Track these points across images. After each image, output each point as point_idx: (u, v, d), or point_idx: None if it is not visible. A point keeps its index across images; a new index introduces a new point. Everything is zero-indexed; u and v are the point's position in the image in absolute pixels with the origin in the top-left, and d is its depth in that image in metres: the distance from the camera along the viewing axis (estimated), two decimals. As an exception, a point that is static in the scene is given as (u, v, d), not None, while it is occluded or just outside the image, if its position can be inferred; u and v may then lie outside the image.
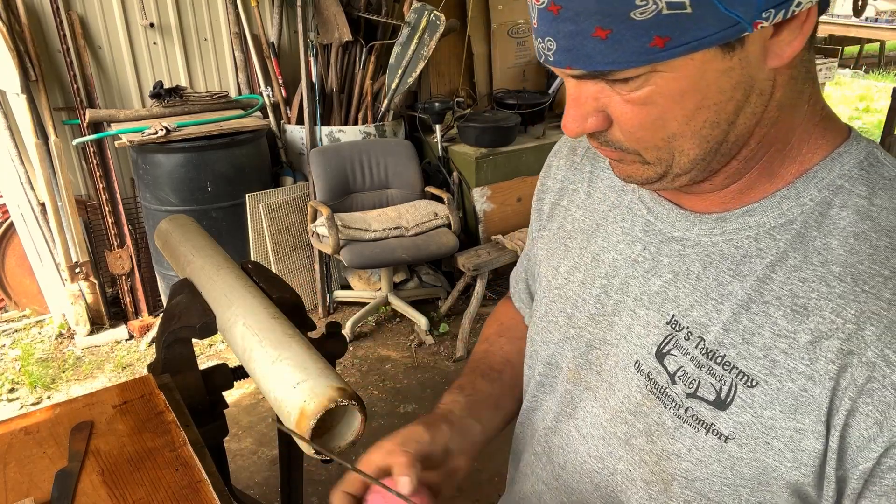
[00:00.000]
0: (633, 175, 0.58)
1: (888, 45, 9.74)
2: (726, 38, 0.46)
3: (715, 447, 0.57)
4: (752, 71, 0.50)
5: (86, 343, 3.20)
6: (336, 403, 0.80)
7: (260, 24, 3.49)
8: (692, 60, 0.48)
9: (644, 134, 0.53)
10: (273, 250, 3.32)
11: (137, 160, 3.08)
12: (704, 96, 0.50)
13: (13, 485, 0.89)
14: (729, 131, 0.53)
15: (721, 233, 0.59)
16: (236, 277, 1.15)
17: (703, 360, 0.58)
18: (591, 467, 0.69)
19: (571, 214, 0.76)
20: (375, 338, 3.32)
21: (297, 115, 3.47)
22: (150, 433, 0.98)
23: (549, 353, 0.75)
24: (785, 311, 0.54)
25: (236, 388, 1.56)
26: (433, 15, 3.18)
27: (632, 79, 0.50)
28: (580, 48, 0.48)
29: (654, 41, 0.46)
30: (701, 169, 0.55)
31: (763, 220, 0.57)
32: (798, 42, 0.49)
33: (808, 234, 0.55)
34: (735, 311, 0.57)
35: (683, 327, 0.60)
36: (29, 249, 3.20)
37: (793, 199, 0.57)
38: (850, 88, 8.35)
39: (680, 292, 0.61)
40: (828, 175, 0.56)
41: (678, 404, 0.59)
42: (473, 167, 3.39)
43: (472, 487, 2.34)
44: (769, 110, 0.53)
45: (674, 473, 0.60)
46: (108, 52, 3.23)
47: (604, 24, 0.46)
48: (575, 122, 0.54)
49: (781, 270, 0.55)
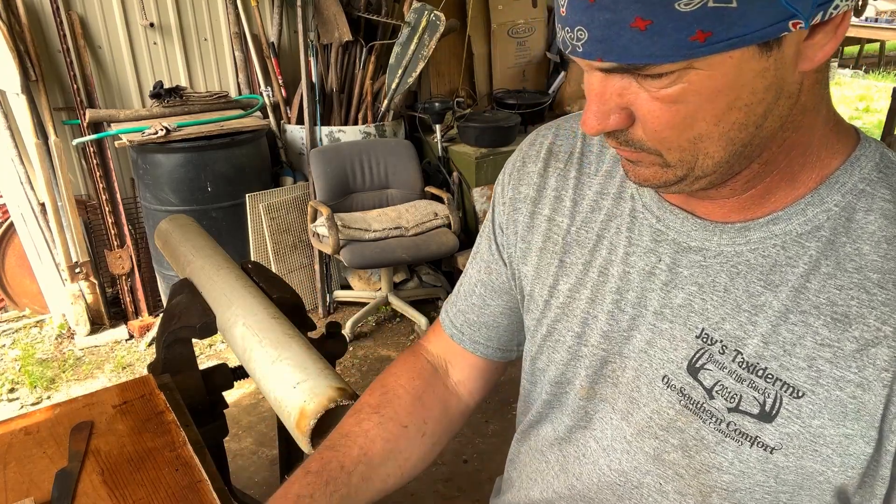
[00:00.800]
0: (650, 178, 0.56)
1: (888, 45, 9.74)
2: (766, 36, 0.45)
3: (760, 458, 0.57)
4: (784, 73, 0.49)
5: (86, 343, 3.20)
6: (336, 403, 0.80)
7: (260, 24, 3.49)
8: (730, 58, 0.46)
9: (670, 134, 0.51)
10: (273, 250, 3.32)
11: (137, 160, 3.08)
12: (738, 96, 0.48)
13: (13, 485, 0.89)
14: (756, 134, 0.51)
15: (745, 242, 0.58)
16: (236, 277, 1.15)
17: (743, 374, 0.57)
18: (613, 480, 0.68)
19: (557, 224, 0.72)
20: (375, 338, 3.32)
21: (297, 115, 3.47)
22: (150, 433, 0.98)
23: (557, 373, 0.73)
24: (825, 319, 0.54)
25: (236, 388, 1.56)
26: (433, 15, 3.18)
27: (665, 74, 0.48)
28: (615, 39, 0.46)
29: (695, 35, 0.44)
30: (723, 172, 0.54)
31: (789, 228, 0.56)
32: (830, 46, 0.49)
33: (838, 240, 0.55)
34: (773, 322, 0.56)
35: (716, 341, 0.59)
36: (29, 249, 3.20)
37: (817, 205, 0.56)
38: (850, 88, 8.35)
39: (708, 304, 0.60)
40: (849, 180, 0.56)
41: (719, 419, 0.58)
42: (473, 167, 3.39)
43: (472, 487, 2.34)
44: (794, 114, 0.52)
45: (713, 486, 0.60)
46: (108, 52, 3.23)
47: (644, 13, 0.44)
48: (596, 118, 0.52)
49: (816, 279, 0.55)
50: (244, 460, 2.47)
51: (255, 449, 2.53)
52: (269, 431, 2.60)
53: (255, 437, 2.58)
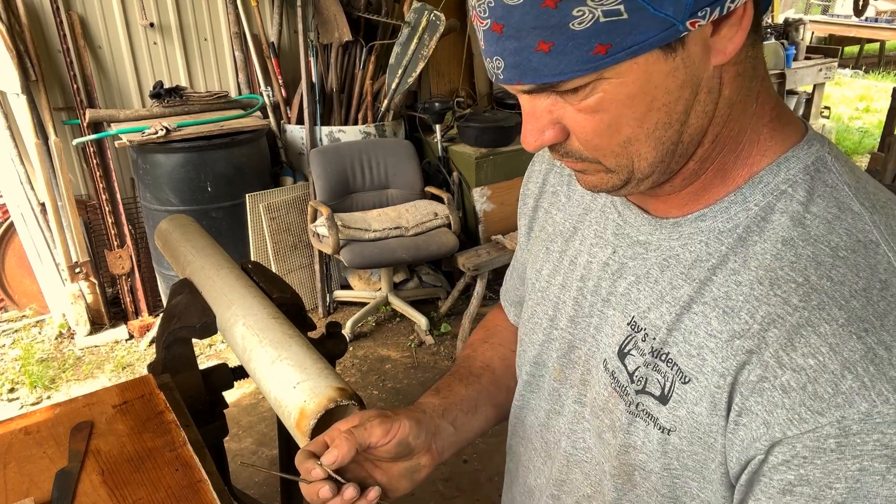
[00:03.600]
0: (598, 185, 0.59)
1: (888, 45, 9.74)
2: (665, 39, 0.47)
3: (661, 440, 0.59)
4: (696, 70, 0.51)
5: (86, 343, 3.20)
6: (336, 403, 0.80)
7: (260, 24, 3.49)
8: (636, 64, 0.49)
9: (600, 141, 0.54)
10: (273, 250, 3.33)
11: (137, 160, 3.08)
12: (653, 98, 0.51)
13: (13, 485, 0.89)
14: (682, 131, 0.53)
15: (678, 237, 0.61)
16: (236, 277, 1.15)
17: (650, 359, 0.60)
18: (580, 458, 0.72)
19: (552, 217, 0.78)
20: (375, 338, 3.33)
21: (297, 115, 3.47)
22: (150, 433, 0.98)
23: (535, 354, 0.77)
24: (718, 312, 0.56)
25: (236, 388, 1.56)
26: (433, 15, 3.18)
27: (580, 88, 0.51)
28: (526, 63, 0.50)
29: (595, 49, 0.47)
30: (661, 171, 0.56)
31: (714, 225, 0.59)
32: (738, 38, 0.50)
33: (750, 238, 0.56)
34: (678, 311, 0.59)
35: (641, 328, 0.62)
36: (29, 249, 3.20)
37: (740, 203, 0.57)
38: (850, 88, 8.35)
39: (641, 294, 0.63)
40: (773, 179, 0.56)
41: (632, 401, 0.62)
42: (473, 167, 3.40)
43: (472, 487, 2.34)
44: (720, 108, 0.54)
45: (633, 465, 0.63)
46: (108, 52, 3.23)
47: (545, 37, 0.47)
48: (532, 135, 0.55)
49: (722, 273, 0.57)
50: (244, 460, 2.47)
51: (255, 449, 2.53)
52: (269, 431, 2.60)
53: (255, 437, 2.58)
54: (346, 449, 0.64)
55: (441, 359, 3.14)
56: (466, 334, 3.13)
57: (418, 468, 0.73)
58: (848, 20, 8.34)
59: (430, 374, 3.00)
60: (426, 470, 0.74)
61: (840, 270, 0.51)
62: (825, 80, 5.69)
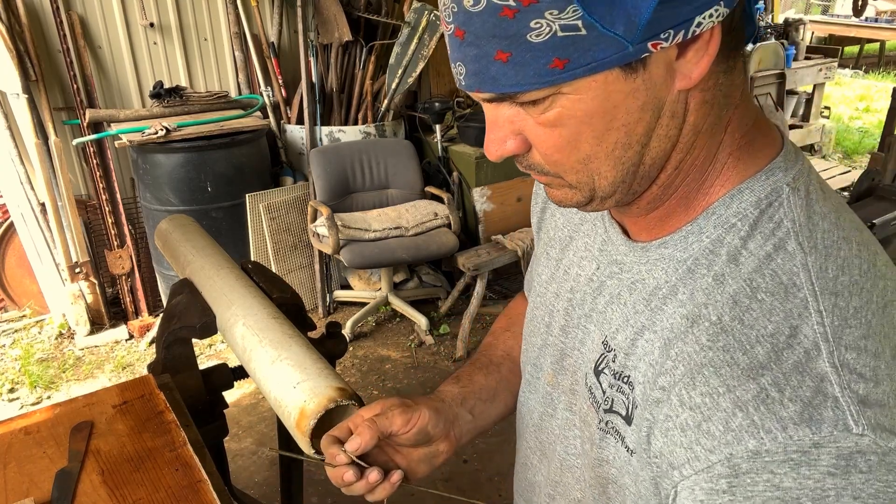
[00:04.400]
0: (563, 199, 0.59)
1: (888, 45, 9.74)
2: (625, 59, 0.46)
3: (625, 459, 0.59)
4: (658, 93, 0.49)
5: (86, 343, 3.20)
6: (336, 403, 0.80)
7: (260, 24, 3.49)
8: (595, 82, 0.48)
9: (560, 157, 0.53)
10: (273, 250, 3.33)
11: (137, 160, 3.08)
12: (613, 117, 0.50)
13: (13, 485, 0.89)
14: (643, 153, 0.52)
15: (645, 262, 0.61)
16: (236, 277, 1.15)
17: (613, 381, 0.61)
18: (572, 463, 0.72)
19: (556, 220, 0.78)
20: (375, 338, 3.33)
21: (297, 115, 3.47)
22: (150, 433, 0.98)
23: (534, 356, 0.78)
24: (661, 343, 0.56)
25: (236, 388, 1.56)
26: (433, 15, 3.18)
27: (540, 101, 0.50)
28: (485, 72, 0.49)
29: (553, 63, 0.46)
30: (623, 192, 0.56)
31: (673, 254, 0.58)
32: (704, 63, 0.48)
33: (698, 270, 0.55)
34: (633, 337, 0.59)
35: (612, 349, 0.62)
36: (29, 249, 3.20)
37: (696, 234, 0.57)
38: (850, 88, 8.35)
39: (613, 315, 0.63)
40: (725, 212, 0.55)
41: (601, 418, 0.62)
42: (473, 167, 3.40)
43: (473, 487, 2.34)
44: (684, 134, 0.53)
45: (607, 478, 0.63)
46: (108, 52, 3.23)
47: (503, 46, 0.47)
48: (494, 144, 0.55)
49: (671, 304, 0.56)
50: (244, 460, 2.47)
51: (255, 449, 2.53)
52: (269, 431, 2.60)
53: (255, 437, 2.58)
54: (369, 437, 0.68)
55: (441, 359, 3.14)
56: (467, 334, 3.13)
57: (437, 454, 0.76)
58: (848, 20, 8.34)
59: (430, 374, 3.00)
60: (444, 455, 0.77)
61: (753, 314, 0.50)
62: (825, 80, 5.69)
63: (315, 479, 2.34)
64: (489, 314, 3.38)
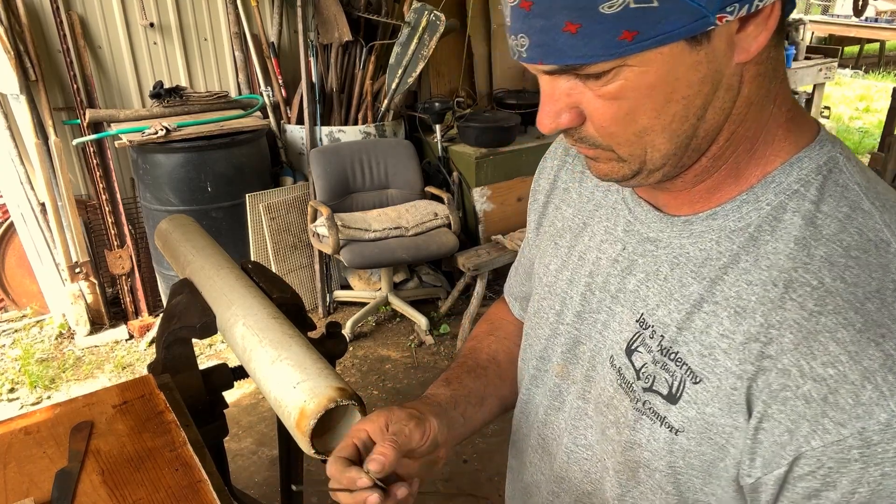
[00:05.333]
0: (609, 173, 0.59)
1: (888, 45, 9.74)
2: (692, 31, 0.47)
3: (668, 439, 0.59)
4: (719, 65, 0.50)
5: (86, 343, 3.20)
6: (336, 403, 0.80)
7: (260, 24, 3.49)
8: (661, 54, 0.49)
9: (616, 129, 0.54)
10: (273, 250, 3.32)
11: (137, 160, 3.08)
12: (673, 90, 0.51)
13: (13, 485, 0.89)
14: (698, 126, 0.53)
15: (688, 235, 0.61)
16: (236, 277, 1.15)
17: (658, 357, 0.60)
18: (580, 455, 0.72)
19: (562, 212, 0.78)
20: (375, 338, 3.33)
21: (297, 115, 3.47)
22: (150, 433, 0.98)
23: (540, 348, 0.78)
24: (730, 312, 0.56)
25: (236, 388, 1.56)
26: (433, 15, 3.18)
27: (603, 73, 0.50)
28: (552, 43, 0.49)
29: (622, 35, 0.47)
30: (673, 164, 0.56)
31: (725, 224, 0.59)
32: (763, 37, 0.50)
33: (762, 237, 0.56)
34: (689, 310, 0.59)
35: (650, 325, 0.62)
36: (29, 249, 3.20)
37: (752, 203, 0.57)
38: (850, 88, 8.35)
39: (650, 292, 0.63)
40: (785, 179, 0.57)
41: (638, 398, 0.62)
42: (473, 167, 3.40)
43: (473, 487, 2.34)
44: (737, 106, 0.54)
45: (637, 462, 0.63)
46: (108, 52, 3.23)
47: (573, 18, 0.47)
48: (549, 117, 0.55)
49: (733, 272, 0.57)
50: (244, 460, 2.47)
51: (255, 449, 2.53)
52: (269, 431, 2.60)
53: (255, 437, 2.58)
54: (394, 457, 0.63)
55: (441, 359, 3.13)
56: (466, 334, 3.13)
57: (437, 460, 0.74)
58: (848, 20, 8.34)
59: (430, 374, 3.00)
60: (442, 462, 0.75)
61: (853, 271, 0.51)
62: (825, 80, 5.69)
63: (315, 479, 2.34)
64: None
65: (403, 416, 0.68)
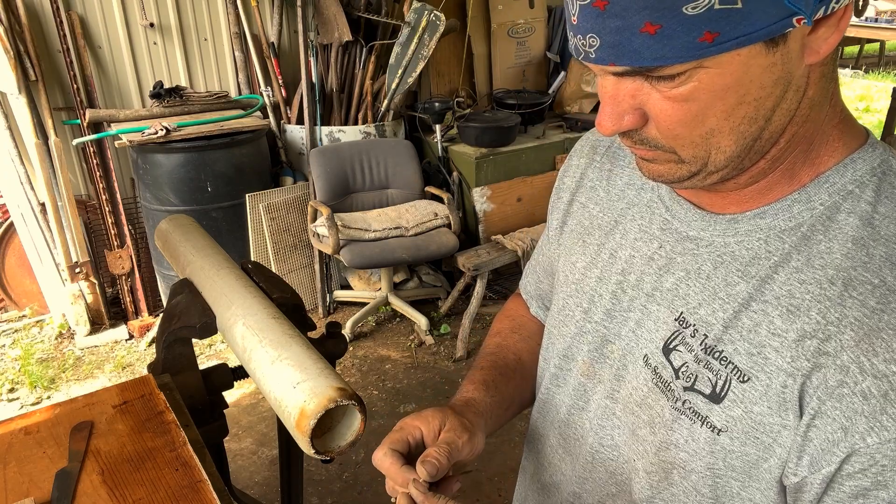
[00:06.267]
0: (664, 174, 0.58)
1: (888, 45, 9.74)
2: (772, 33, 0.47)
3: (708, 439, 0.58)
4: (791, 67, 0.50)
5: (86, 343, 3.20)
6: (336, 403, 0.80)
7: (260, 24, 3.49)
8: (738, 56, 0.48)
9: (683, 130, 0.53)
10: (273, 250, 3.32)
11: (137, 160, 3.08)
12: (746, 91, 0.50)
13: (13, 485, 0.89)
14: (765, 127, 0.53)
15: (734, 234, 0.60)
16: (236, 277, 1.15)
17: (701, 356, 0.59)
18: (606, 455, 0.71)
19: (589, 211, 0.77)
20: (375, 338, 3.32)
21: (297, 115, 3.47)
22: (150, 433, 0.98)
23: (564, 347, 0.76)
24: (781, 310, 0.55)
25: (236, 388, 1.56)
26: (433, 15, 3.18)
27: (677, 75, 0.49)
28: (627, 44, 0.48)
29: (703, 36, 0.46)
30: (734, 166, 0.56)
31: (774, 223, 0.58)
32: (834, 38, 0.50)
33: (814, 237, 0.56)
34: (736, 308, 0.58)
35: (690, 324, 0.61)
36: (29, 249, 3.20)
37: (804, 202, 0.57)
38: (850, 88, 8.35)
39: (690, 290, 0.62)
40: (840, 180, 0.56)
41: (677, 397, 0.61)
42: (473, 167, 3.39)
43: (472, 487, 2.34)
44: (802, 107, 0.54)
45: (672, 463, 0.62)
46: (108, 52, 3.23)
47: (654, 18, 0.46)
48: (611, 119, 0.54)
49: (784, 271, 0.56)
50: (244, 460, 2.47)
51: (255, 449, 2.53)
52: (269, 431, 2.60)
53: (255, 437, 2.58)
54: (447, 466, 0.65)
55: (441, 359, 3.13)
56: (467, 334, 3.13)
57: (465, 465, 0.74)
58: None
59: (430, 374, 3.00)
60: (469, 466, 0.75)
61: None
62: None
63: (315, 479, 2.34)
64: (489, 314, 3.38)
65: (457, 426, 0.69)
